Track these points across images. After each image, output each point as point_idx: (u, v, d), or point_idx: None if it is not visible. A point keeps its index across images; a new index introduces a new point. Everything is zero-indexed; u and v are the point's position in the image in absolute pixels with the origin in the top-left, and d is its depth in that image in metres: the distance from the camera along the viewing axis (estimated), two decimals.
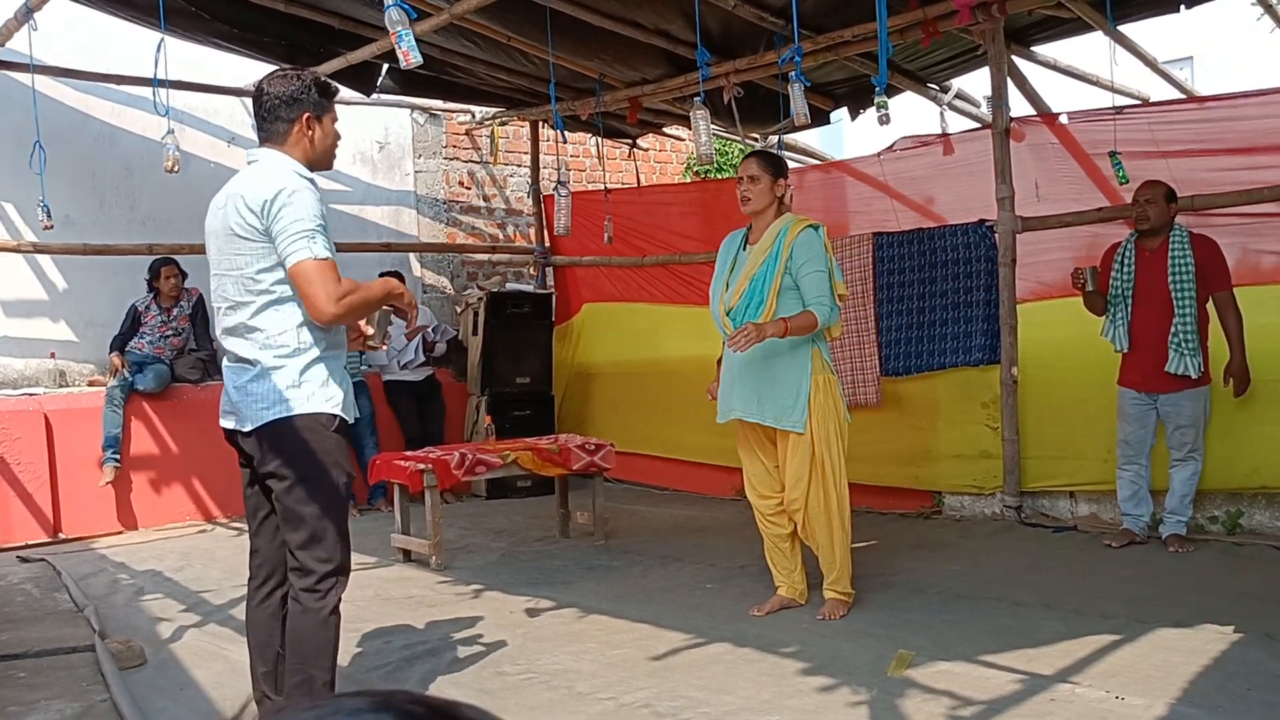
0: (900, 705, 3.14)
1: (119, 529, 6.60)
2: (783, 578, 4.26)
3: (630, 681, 3.46)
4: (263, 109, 2.90)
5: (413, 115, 8.82)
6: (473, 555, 5.63)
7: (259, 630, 3.03)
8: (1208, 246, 4.85)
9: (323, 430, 2.86)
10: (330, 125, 2.97)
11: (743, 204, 4.10)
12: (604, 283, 8.20)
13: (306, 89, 2.89)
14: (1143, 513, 5.09)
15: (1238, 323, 4.80)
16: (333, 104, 2.99)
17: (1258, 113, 5.24)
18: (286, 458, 2.84)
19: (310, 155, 2.93)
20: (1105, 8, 5.31)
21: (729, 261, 4.19)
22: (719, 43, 6.17)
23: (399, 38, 4.41)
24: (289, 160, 2.88)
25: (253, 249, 2.79)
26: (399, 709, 0.65)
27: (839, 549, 4.09)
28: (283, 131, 2.89)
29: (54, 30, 6.49)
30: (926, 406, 6.10)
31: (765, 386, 4.03)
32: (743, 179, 4.10)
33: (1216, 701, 3.03)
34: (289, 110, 2.88)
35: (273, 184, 2.76)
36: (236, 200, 2.80)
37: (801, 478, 4.04)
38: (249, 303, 2.83)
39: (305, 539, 2.85)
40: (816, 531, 4.10)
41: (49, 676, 3.72)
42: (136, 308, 6.93)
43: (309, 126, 2.90)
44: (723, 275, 4.19)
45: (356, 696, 0.66)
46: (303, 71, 2.97)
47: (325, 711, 0.65)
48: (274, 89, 2.88)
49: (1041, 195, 5.86)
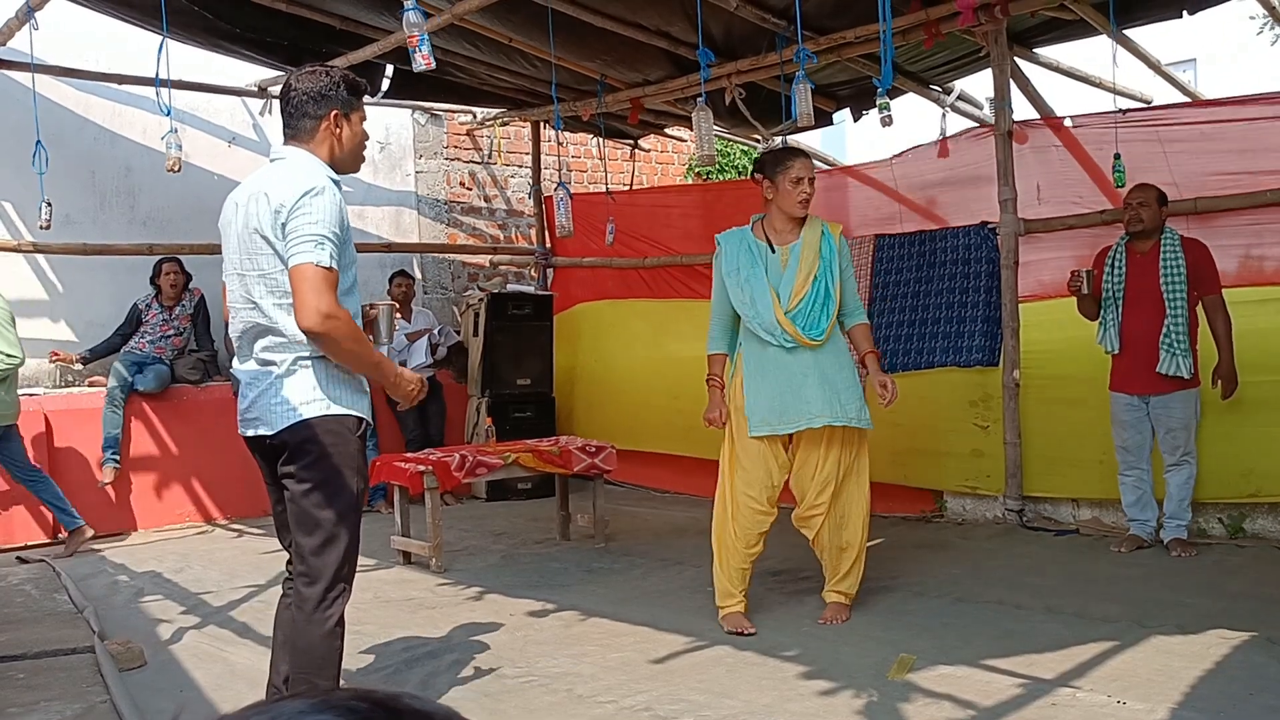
0: (902, 709, 3.12)
1: (119, 530, 6.60)
2: (737, 593, 4.07)
3: (630, 684, 3.45)
4: (290, 105, 2.84)
5: (414, 116, 8.81)
6: (473, 557, 5.62)
7: (286, 628, 2.94)
8: (1199, 249, 4.87)
9: (348, 434, 2.80)
10: (359, 124, 2.91)
11: (803, 206, 3.99)
12: (605, 283, 8.19)
13: (335, 86, 2.83)
14: (1149, 517, 5.08)
15: (1226, 326, 4.82)
16: (362, 103, 2.93)
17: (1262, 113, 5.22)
18: (309, 461, 2.76)
19: (336, 154, 2.86)
20: (1108, 10, 5.30)
21: (757, 263, 3.99)
22: (721, 44, 6.16)
23: (420, 41, 4.40)
24: (316, 160, 2.82)
25: (277, 250, 2.72)
26: (341, 706, 0.66)
27: (863, 549, 4.09)
28: (309, 129, 2.83)
29: (55, 30, 6.48)
30: (914, 405, 6.08)
31: (841, 388, 3.98)
32: (803, 180, 3.96)
33: (1219, 706, 3.01)
34: (317, 107, 2.82)
35: (302, 183, 2.69)
36: (261, 198, 2.72)
37: (833, 478, 4.00)
38: (272, 304, 2.75)
39: (318, 544, 2.78)
40: (846, 532, 4.06)
41: (48, 678, 3.71)
42: (138, 306, 6.94)
43: (337, 124, 2.84)
44: (759, 278, 3.97)
45: (298, 698, 0.67)
46: (332, 69, 2.90)
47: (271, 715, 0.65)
48: (302, 85, 2.82)
49: (1043, 199, 5.85)
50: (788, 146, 5.06)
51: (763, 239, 4.07)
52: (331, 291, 2.65)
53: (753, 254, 4.02)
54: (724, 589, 4.08)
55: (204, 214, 7.22)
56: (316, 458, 2.76)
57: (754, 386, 3.99)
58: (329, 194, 2.71)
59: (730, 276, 4.02)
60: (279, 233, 2.69)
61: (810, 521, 4.08)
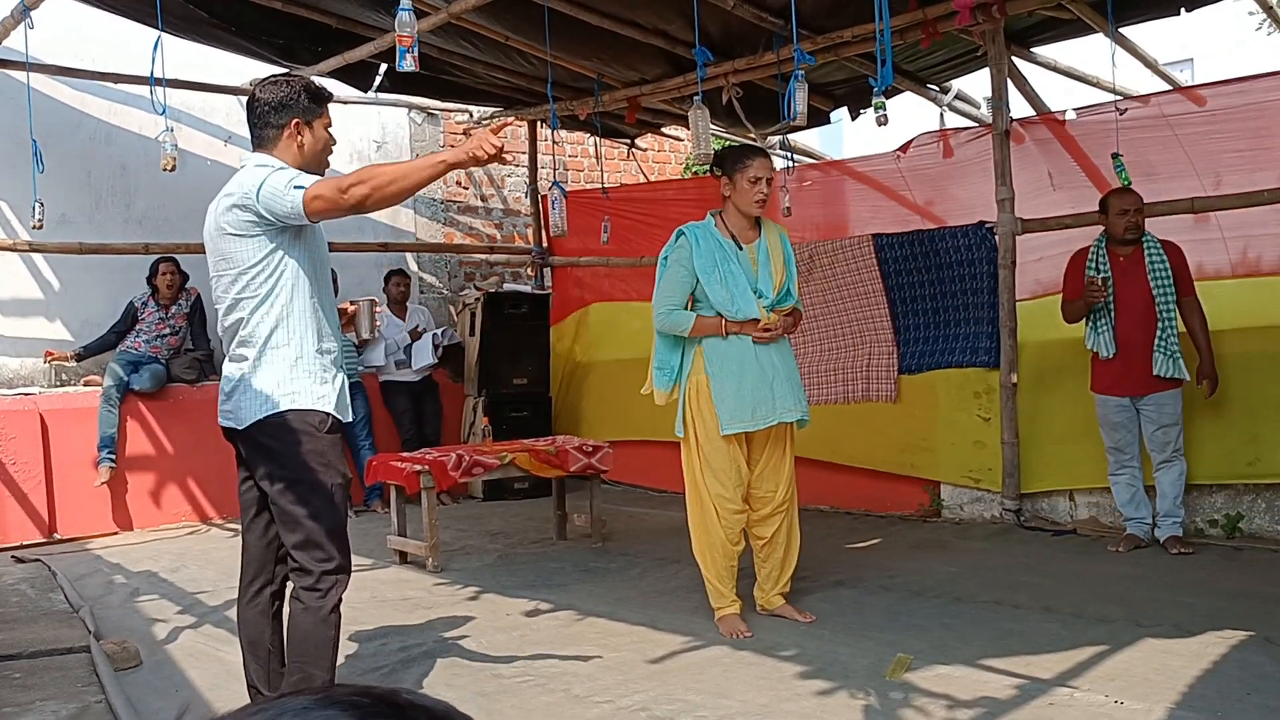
0: (899, 709, 3.12)
1: (114, 529, 6.58)
2: (730, 594, 4.06)
3: (627, 684, 3.44)
4: (254, 115, 2.96)
5: (410, 115, 8.80)
6: (469, 557, 5.61)
7: (249, 627, 3.06)
8: (1178, 252, 4.96)
9: (314, 430, 2.88)
10: (322, 130, 3.00)
11: (758, 207, 3.97)
12: (602, 281, 8.19)
13: (296, 95, 2.94)
14: (1144, 515, 5.10)
15: (1204, 325, 4.93)
16: (325, 110, 3.02)
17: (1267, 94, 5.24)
18: (278, 458, 2.85)
19: (300, 160, 2.95)
20: (1106, 9, 5.30)
21: (730, 259, 3.97)
22: (718, 43, 6.15)
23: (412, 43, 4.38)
24: (278, 164, 2.90)
25: (241, 247, 2.84)
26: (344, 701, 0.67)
27: None
28: (272, 137, 2.95)
29: (51, 29, 6.47)
30: (924, 397, 6.11)
31: (797, 382, 4.06)
32: (760, 180, 3.94)
33: (1216, 706, 3.01)
34: (278, 116, 2.93)
35: (257, 172, 2.82)
36: (224, 200, 2.87)
37: (792, 474, 4.07)
38: (239, 301, 2.88)
39: (301, 540, 2.86)
40: (791, 528, 4.11)
41: (44, 677, 3.70)
42: (134, 304, 6.93)
43: (298, 132, 2.95)
44: (736, 275, 3.95)
45: (300, 695, 0.68)
46: (293, 78, 3.02)
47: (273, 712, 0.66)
48: (264, 95, 2.94)
49: (1057, 185, 5.86)
50: (748, 145, 5.04)
51: (727, 236, 4.02)
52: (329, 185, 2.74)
53: (725, 250, 3.98)
54: (715, 590, 4.06)
55: (200, 213, 7.14)
56: (285, 455, 2.85)
57: (722, 384, 3.94)
58: (282, 169, 2.83)
59: (707, 273, 3.94)
60: (245, 216, 2.81)
61: (771, 520, 4.06)
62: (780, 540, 4.10)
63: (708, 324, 3.95)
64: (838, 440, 6.23)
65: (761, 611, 4.17)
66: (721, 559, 4.03)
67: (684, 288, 3.98)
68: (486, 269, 9.30)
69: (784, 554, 4.12)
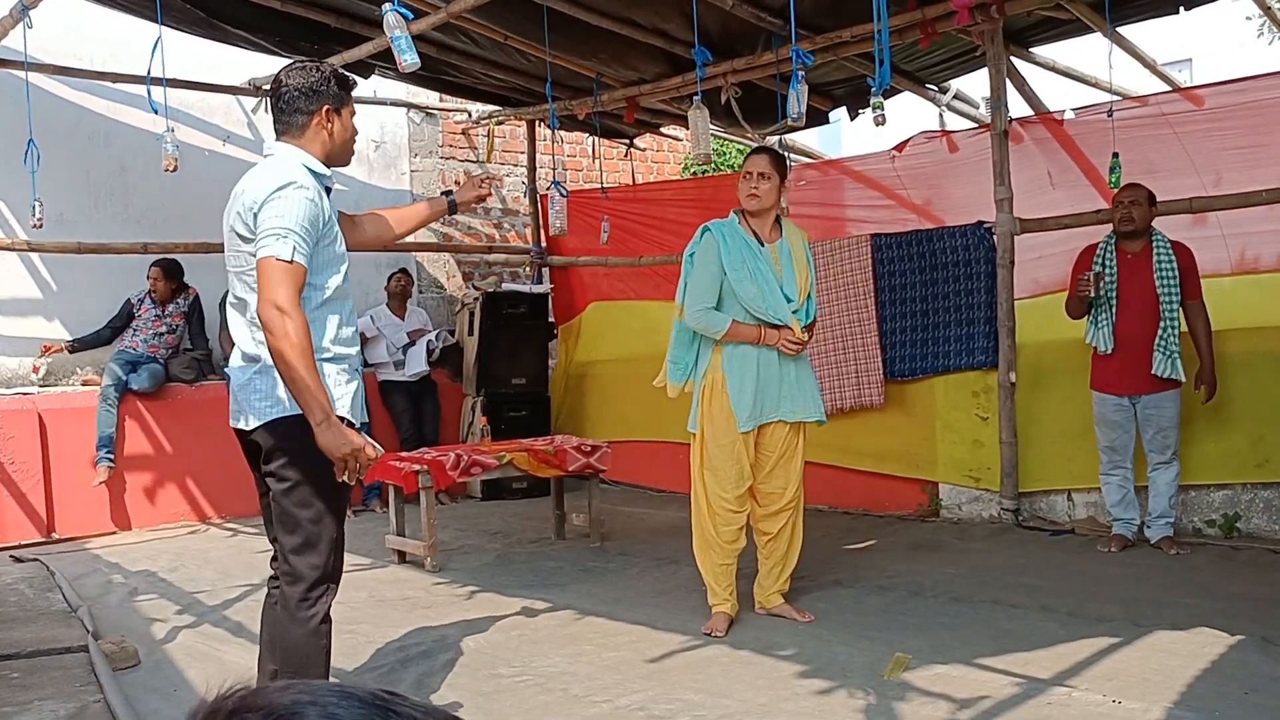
0: (897, 709, 3.12)
1: (113, 529, 6.58)
2: (727, 595, 4.07)
3: (626, 684, 3.44)
4: (281, 101, 2.83)
5: (409, 114, 8.79)
6: (468, 557, 5.61)
7: (270, 627, 2.93)
8: (1187, 254, 4.93)
9: None
10: (349, 119, 2.91)
11: (749, 201, 3.97)
12: (603, 281, 8.19)
13: (326, 81, 2.83)
14: (1133, 516, 5.11)
15: (1208, 330, 4.91)
16: (351, 97, 2.93)
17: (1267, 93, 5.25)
18: (288, 458, 2.76)
19: (328, 149, 2.86)
20: (1104, 9, 5.30)
21: (757, 258, 3.96)
22: (717, 42, 6.15)
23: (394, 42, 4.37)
24: (302, 155, 2.81)
25: (249, 247, 2.75)
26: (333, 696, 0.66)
27: None
28: (301, 124, 2.83)
29: (50, 28, 6.46)
30: (923, 397, 6.11)
31: (814, 383, 4.15)
32: (751, 174, 3.95)
33: (1213, 705, 3.02)
34: (308, 102, 2.81)
35: (273, 180, 2.69)
36: (242, 198, 2.75)
37: (801, 473, 4.09)
38: (254, 300, 2.75)
39: (299, 543, 2.78)
40: (795, 527, 4.14)
41: (42, 677, 3.70)
42: (131, 301, 6.94)
43: (328, 119, 2.84)
44: (764, 273, 3.95)
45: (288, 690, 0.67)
46: (321, 63, 2.90)
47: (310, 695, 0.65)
48: (292, 80, 2.81)
49: (1056, 184, 5.86)
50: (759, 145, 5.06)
51: (750, 234, 4.04)
52: (290, 286, 2.60)
53: (751, 249, 4.00)
54: (710, 587, 4.11)
55: (198, 213, 7.24)
56: (295, 455, 2.75)
57: (739, 383, 3.96)
58: (300, 190, 2.68)
59: (735, 270, 3.94)
60: (251, 229, 2.70)
61: (778, 517, 4.09)
62: (784, 537, 4.12)
63: (744, 332, 3.96)
64: (836, 440, 6.23)
65: (760, 611, 4.18)
66: (717, 556, 4.07)
67: (714, 285, 3.96)
68: (485, 268, 9.30)
69: (786, 551, 4.14)
